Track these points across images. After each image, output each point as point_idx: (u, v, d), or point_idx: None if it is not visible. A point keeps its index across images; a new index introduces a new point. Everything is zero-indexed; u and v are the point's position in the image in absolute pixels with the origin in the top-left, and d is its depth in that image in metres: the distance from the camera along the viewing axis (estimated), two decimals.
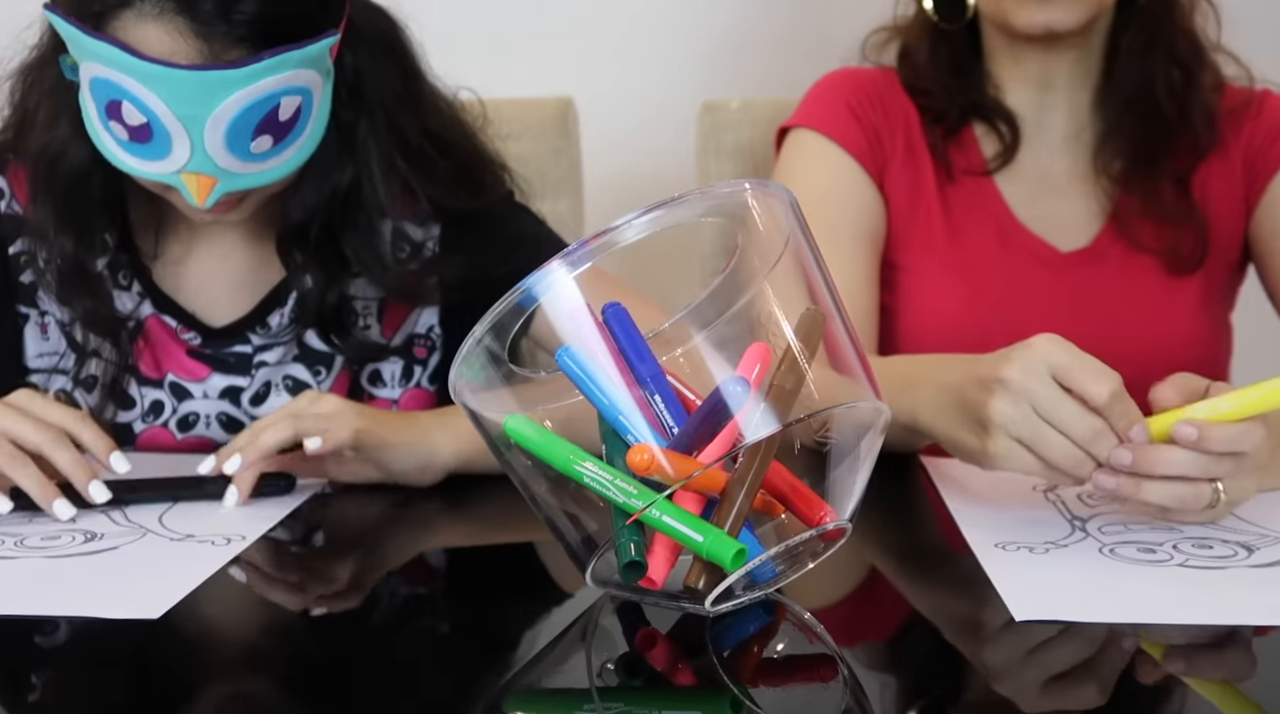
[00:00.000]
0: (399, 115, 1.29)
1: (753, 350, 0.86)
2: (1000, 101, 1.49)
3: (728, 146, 1.71)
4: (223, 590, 0.94)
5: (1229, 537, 1.02)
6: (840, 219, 1.44)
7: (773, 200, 0.88)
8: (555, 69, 2.04)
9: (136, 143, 1.15)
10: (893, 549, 1.06)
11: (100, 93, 1.14)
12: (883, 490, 0.92)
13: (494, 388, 0.87)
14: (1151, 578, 0.94)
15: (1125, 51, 1.45)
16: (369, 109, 1.27)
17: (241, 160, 1.16)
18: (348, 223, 1.28)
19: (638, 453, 0.80)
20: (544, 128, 1.72)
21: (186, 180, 1.15)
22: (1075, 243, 1.47)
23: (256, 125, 1.14)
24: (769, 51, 2.08)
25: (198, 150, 1.14)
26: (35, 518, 1.08)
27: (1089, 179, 1.48)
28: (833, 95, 1.51)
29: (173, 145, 1.14)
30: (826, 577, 0.95)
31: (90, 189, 1.25)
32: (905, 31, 1.54)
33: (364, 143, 1.27)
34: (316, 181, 1.26)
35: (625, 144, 2.04)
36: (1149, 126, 1.44)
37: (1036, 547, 1.00)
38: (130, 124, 1.14)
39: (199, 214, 1.23)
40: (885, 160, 1.49)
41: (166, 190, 1.20)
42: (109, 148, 1.18)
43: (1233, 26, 1.48)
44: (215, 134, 1.13)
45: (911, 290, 1.47)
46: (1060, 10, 1.37)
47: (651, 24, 2.09)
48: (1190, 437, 0.97)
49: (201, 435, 1.34)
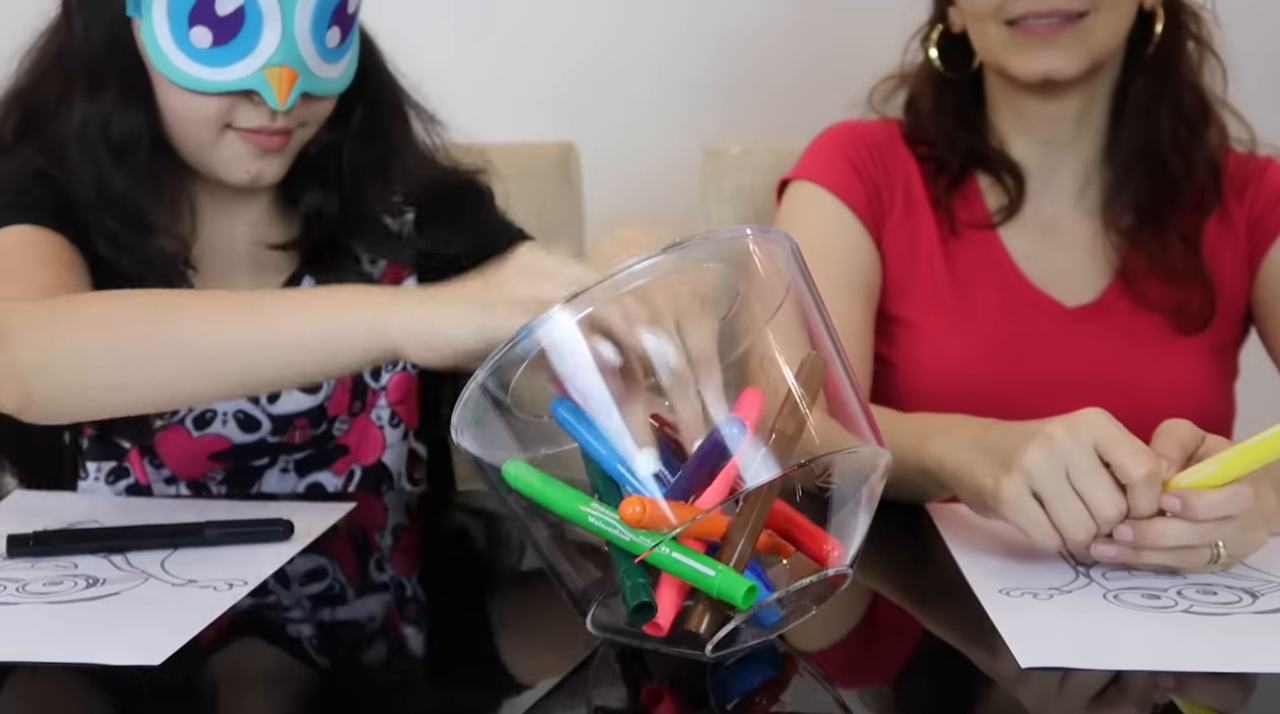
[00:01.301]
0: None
1: (747, 395, 0.86)
2: (1004, 153, 1.49)
3: (729, 191, 1.71)
4: (224, 636, 0.94)
5: (1233, 583, 1.01)
6: (837, 271, 1.45)
7: (774, 247, 0.88)
8: (557, 114, 2.05)
9: (220, 46, 1.19)
10: (897, 595, 1.06)
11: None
12: (887, 537, 0.92)
13: (495, 430, 0.86)
14: (1156, 624, 0.93)
15: (1131, 103, 1.45)
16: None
17: (319, 54, 1.22)
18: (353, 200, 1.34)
19: (630, 505, 0.79)
20: (546, 172, 1.73)
21: (270, 76, 1.19)
22: (1081, 298, 1.46)
23: (334, 10, 1.21)
24: (771, 97, 2.09)
25: (287, 35, 1.19)
26: (37, 563, 1.07)
27: (1096, 234, 1.48)
28: (834, 148, 1.51)
29: (263, 32, 1.19)
30: (831, 622, 0.95)
31: (136, 163, 1.25)
32: (912, 80, 1.55)
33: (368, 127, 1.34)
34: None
35: (627, 189, 2.04)
36: (1156, 181, 1.44)
37: (1041, 593, 0.99)
38: (222, 15, 1.17)
39: (244, 164, 1.25)
40: (884, 215, 1.49)
41: (232, 111, 1.22)
42: (183, 68, 1.20)
43: (1239, 83, 1.48)
44: (304, 13, 1.19)
45: (913, 344, 1.46)
46: (1059, 59, 1.38)
47: (654, 69, 2.10)
48: (1175, 509, 0.98)
49: (218, 433, 1.33)
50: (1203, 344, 1.44)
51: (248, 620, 0.98)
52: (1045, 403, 1.07)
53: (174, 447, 1.33)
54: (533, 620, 1.00)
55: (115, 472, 1.32)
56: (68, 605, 0.98)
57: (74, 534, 1.11)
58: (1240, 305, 1.48)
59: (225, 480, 1.36)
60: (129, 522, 1.14)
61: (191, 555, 1.09)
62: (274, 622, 0.99)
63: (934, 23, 1.52)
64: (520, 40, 2.09)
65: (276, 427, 1.35)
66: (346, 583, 1.09)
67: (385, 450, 1.39)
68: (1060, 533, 1.00)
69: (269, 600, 1.02)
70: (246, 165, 1.26)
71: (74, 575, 1.04)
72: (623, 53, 2.09)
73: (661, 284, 0.84)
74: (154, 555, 1.09)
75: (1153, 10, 1.44)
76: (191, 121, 1.24)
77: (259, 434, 1.34)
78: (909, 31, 1.55)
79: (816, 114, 1.60)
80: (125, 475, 1.32)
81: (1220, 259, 1.46)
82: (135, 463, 1.32)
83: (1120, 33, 1.41)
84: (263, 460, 1.36)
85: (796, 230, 1.45)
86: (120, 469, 1.32)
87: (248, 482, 1.37)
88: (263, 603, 1.01)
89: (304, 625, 1.00)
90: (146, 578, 1.04)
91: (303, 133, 1.29)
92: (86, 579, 1.03)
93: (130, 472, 1.32)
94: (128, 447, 1.32)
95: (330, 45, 1.23)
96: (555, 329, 0.82)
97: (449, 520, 1.20)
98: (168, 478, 1.34)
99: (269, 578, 1.05)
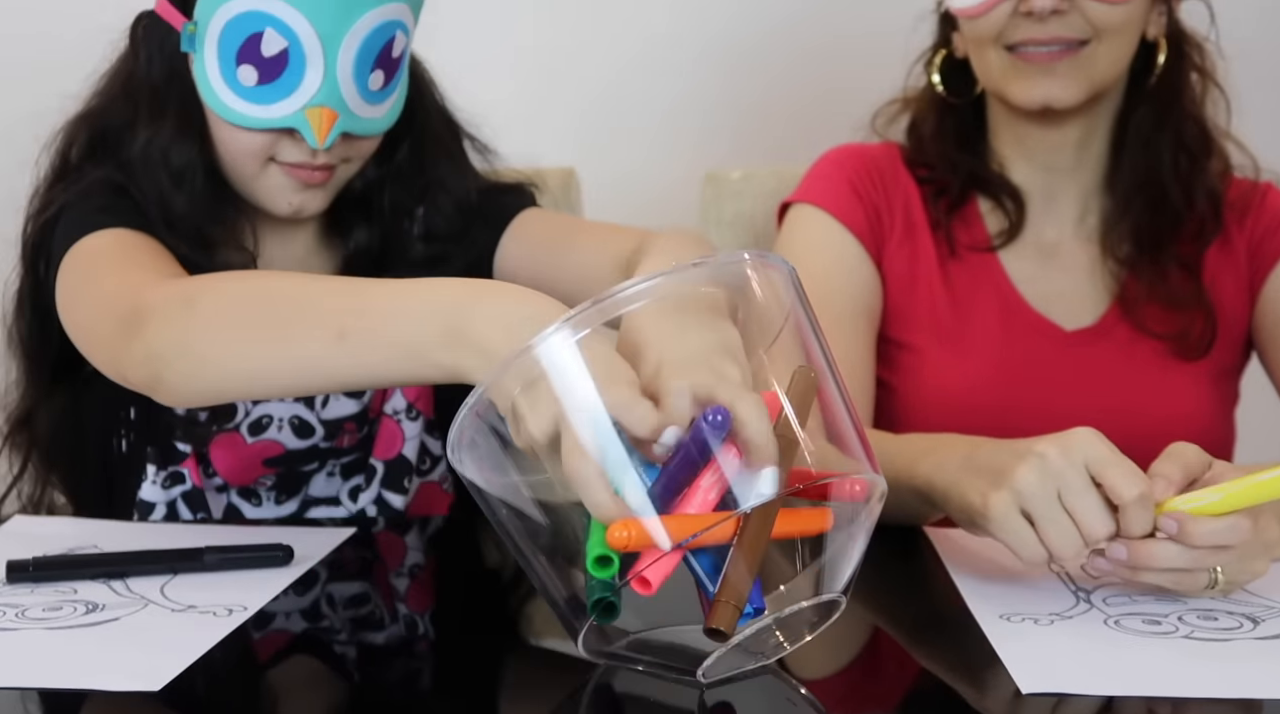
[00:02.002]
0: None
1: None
2: (1005, 177, 1.49)
3: (729, 216, 1.72)
4: (224, 662, 0.94)
5: (1234, 609, 1.01)
6: (839, 295, 1.45)
7: (773, 272, 0.88)
8: (557, 139, 2.05)
9: (264, 84, 1.23)
10: (897, 620, 1.05)
11: (236, 33, 1.22)
12: (886, 562, 0.92)
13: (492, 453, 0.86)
14: (1156, 650, 0.93)
15: (1133, 134, 1.46)
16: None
17: (361, 96, 1.26)
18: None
19: (620, 530, 0.79)
20: (546, 198, 1.72)
21: (310, 116, 1.23)
22: (1081, 321, 1.47)
23: (377, 55, 1.25)
24: (771, 123, 2.10)
25: (329, 77, 1.23)
26: (37, 589, 1.07)
27: (1096, 259, 1.48)
28: (835, 172, 1.52)
29: (305, 73, 1.23)
30: (830, 648, 0.95)
31: (193, 188, 1.29)
32: (914, 104, 1.55)
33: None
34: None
35: (628, 214, 2.03)
36: (1156, 212, 1.45)
37: (1041, 618, 0.99)
38: (267, 56, 1.22)
39: (286, 197, 1.30)
40: (884, 238, 1.49)
41: (275, 146, 1.27)
42: (230, 104, 1.25)
43: (1242, 114, 1.49)
44: (347, 57, 1.23)
45: (913, 367, 1.47)
46: (1058, 87, 1.38)
47: (654, 94, 2.10)
48: (1171, 530, 0.98)
49: (273, 439, 1.35)
50: (1204, 370, 1.44)
51: (248, 646, 0.97)
52: (1045, 427, 1.07)
53: (228, 453, 1.35)
54: (537, 646, 1.00)
55: (171, 476, 1.34)
56: (67, 631, 0.97)
57: (73, 560, 1.11)
58: (1241, 331, 1.48)
59: (275, 486, 1.38)
60: (128, 547, 1.14)
61: (191, 581, 1.09)
62: (274, 648, 0.99)
63: (937, 48, 1.53)
64: (522, 66, 2.09)
65: (328, 432, 1.37)
66: (346, 609, 1.09)
67: (405, 443, 1.40)
68: (1049, 551, 1.00)
69: (269, 626, 1.02)
70: (289, 198, 1.31)
71: (73, 601, 1.04)
72: (624, 77, 2.09)
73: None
74: (154, 581, 1.09)
75: (1155, 40, 1.44)
76: (237, 154, 1.29)
77: (312, 440, 1.36)
78: (910, 57, 1.56)
79: (817, 139, 1.60)
80: (181, 481, 1.34)
81: (1221, 285, 1.46)
82: (191, 468, 1.34)
83: (1121, 62, 1.41)
84: (312, 465, 1.38)
85: (797, 253, 1.47)
86: (176, 474, 1.34)
87: (296, 486, 1.39)
88: (263, 629, 1.01)
89: (304, 652, 0.99)
90: (146, 603, 1.04)
91: (346, 168, 1.33)
92: (86, 605, 1.03)
93: (186, 477, 1.34)
94: (187, 451, 1.33)
95: (373, 88, 1.27)
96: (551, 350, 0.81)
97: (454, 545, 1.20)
98: (219, 486, 1.36)
99: (269, 604, 1.05)
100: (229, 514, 1.36)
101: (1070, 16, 1.36)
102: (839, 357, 0.90)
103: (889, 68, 1.57)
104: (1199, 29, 1.48)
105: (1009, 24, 1.38)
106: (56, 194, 1.31)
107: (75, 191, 1.29)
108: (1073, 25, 1.37)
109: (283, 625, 1.03)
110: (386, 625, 1.05)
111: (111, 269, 1.19)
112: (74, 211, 1.27)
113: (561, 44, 2.10)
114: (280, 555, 1.12)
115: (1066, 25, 1.37)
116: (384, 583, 1.15)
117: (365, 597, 1.12)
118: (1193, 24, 1.48)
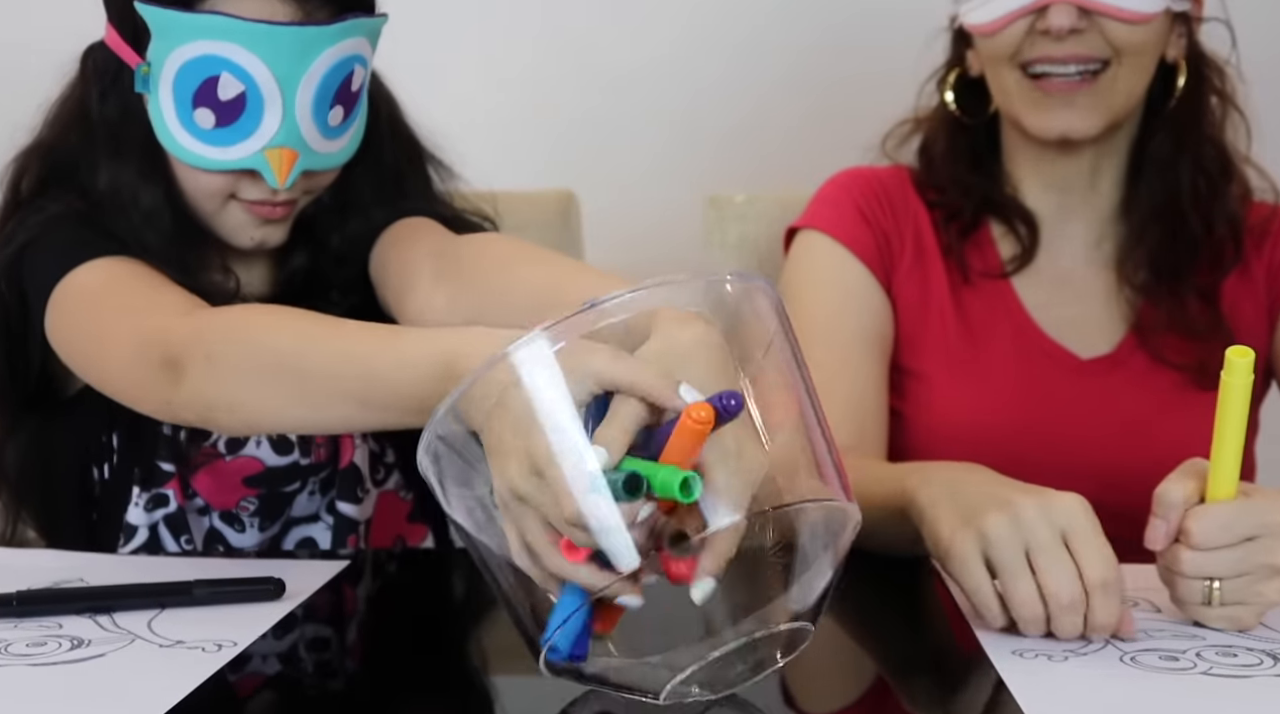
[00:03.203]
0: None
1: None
2: (1018, 201, 1.47)
3: (733, 240, 1.70)
4: (213, 699, 0.92)
5: (1254, 645, 0.99)
6: (849, 323, 1.42)
7: (757, 295, 0.86)
8: (558, 162, 2.04)
9: (222, 127, 1.23)
10: (907, 654, 1.03)
11: (191, 77, 1.21)
12: (896, 595, 0.90)
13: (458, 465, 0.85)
14: (1174, 687, 0.91)
15: (1151, 160, 1.43)
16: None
17: (320, 133, 1.25)
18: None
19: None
20: (546, 221, 1.72)
21: (270, 157, 1.23)
22: (1096, 350, 1.44)
23: (335, 91, 1.24)
24: (775, 146, 2.08)
25: (287, 118, 1.22)
26: (20, 624, 1.05)
27: (1111, 286, 1.45)
28: (842, 196, 1.49)
29: (263, 116, 1.22)
30: (838, 683, 0.93)
31: (163, 226, 1.29)
32: (926, 124, 1.52)
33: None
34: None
35: (629, 238, 2.03)
36: (1174, 238, 1.42)
37: (1055, 654, 0.97)
38: (224, 99, 1.21)
39: (248, 232, 1.30)
40: (894, 264, 1.47)
41: (235, 185, 1.26)
42: (187, 146, 1.24)
43: (1262, 139, 1.46)
44: (305, 97, 1.22)
45: (924, 396, 1.44)
46: (1077, 118, 1.36)
47: (656, 116, 2.09)
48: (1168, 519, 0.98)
49: (251, 455, 1.33)
50: None
51: (237, 683, 0.95)
52: (1059, 457, 1.05)
53: (207, 473, 1.33)
54: (528, 678, 0.98)
55: (155, 499, 1.32)
56: (52, 668, 0.96)
57: (58, 594, 1.09)
58: (1262, 358, 1.45)
59: (257, 512, 1.35)
60: (115, 580, 1.12)
61: (180, 615, 1.07)
62: (264, 684, 0.97)
63: (950, 66, 1.50)
64: (521, 88, 2.08)
65: (303, 448, 1.35)
66: (339, 643, 1.07)
67: (355, 451, 1.37)
68: (1010, 606, 0.98)
69: (259, 662, 0.99)
70: (250, 233, 1.31)
71: (58, 636, 1.02)
72: (624, 99, 2.08)
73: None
74: (141, 615, 1.07)
75: (1175, 63, 1.42)
76: (197, 193, 1.29)
77: (292, 456, 1.34)
78: (918, 77, 1.53)
79: (822, 161, 1.58)
80: (164, 503, 1.32)
81: (1240, 311, 1.43)
82: (175, 489, 1.32)
83: (1140, 89, 1.39)
84: (294, 485, 1.36)
85: (804, 281, 1.45)
86: (160, 496, 1.32)
87: (278, 510, 1.36)
88: (253, 664, 0.99)
89: (295, 689, 0.98)
90: (133, 639, 1.02)
91: (305, 199, 1.33)
92: (71, 640, 1.01)
93: (169, 499, 1.32)
94: (171, 472, 1.31)
95: (333, 124, 1.26)
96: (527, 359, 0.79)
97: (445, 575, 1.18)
98: (201, 508, 1.34)
99: (260, 638, 1.02)
100: (211, 538, 1.34)
101: (1089, 36, 1.34)
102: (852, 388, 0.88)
103: (895, 90, 1.55)
104: (1218, 51, 1.45)
105: (1026, 42, 1.36)
106: (15, 228, 1.29)
107: (37, 223, 1.27)
108: (1092, 45, 1.35)
109: (273, 661, 1.00)
110: (381, 661, 1.03)
111: (120, 307, 1.18)
112: (48, 245, 1.26)
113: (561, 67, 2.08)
114: (271, 589, 1.10)
115: (1085, 45, 1.34)
116: (377, 617, 1.13)
117: (358, 632, 1.10)
118: (1212, 46, 1.45)
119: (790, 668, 0.86)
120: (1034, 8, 1.35)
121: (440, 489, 0.86)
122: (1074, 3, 1.33)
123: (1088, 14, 1.34)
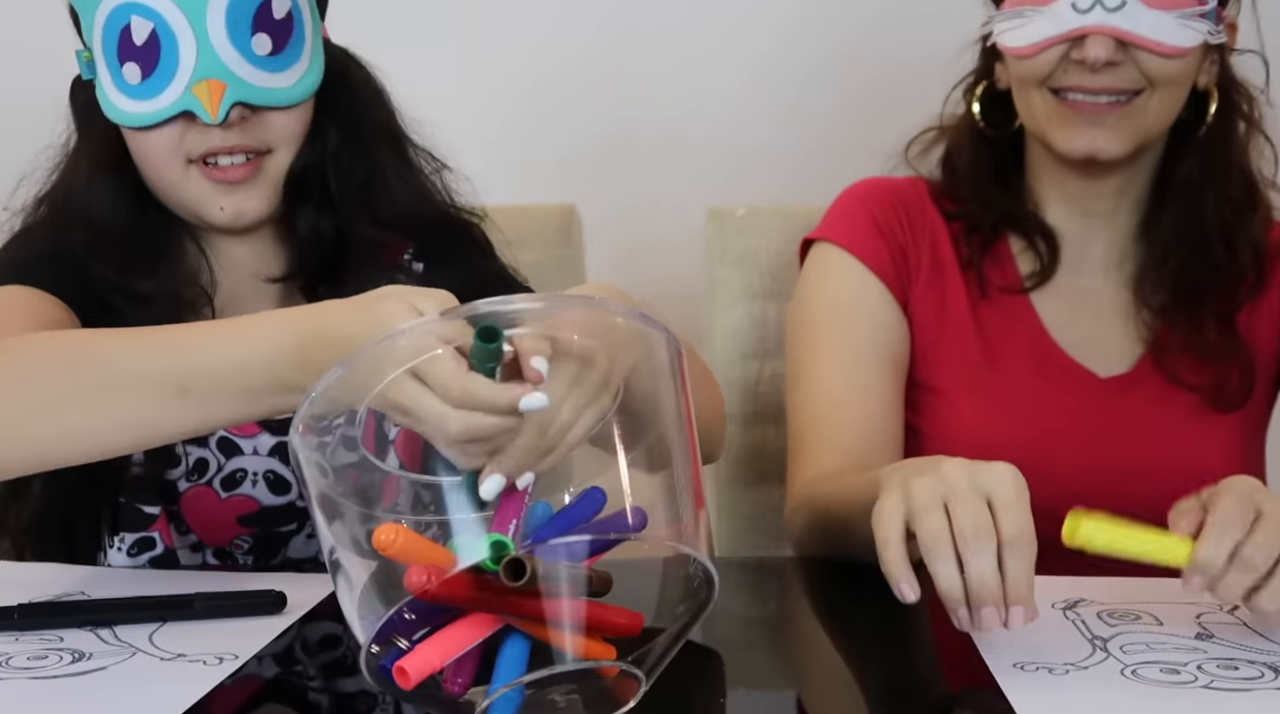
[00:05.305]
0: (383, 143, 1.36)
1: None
2: (1039, 217, 1.45)
3: (734, 254, 1.69)
4: (214, 712, 0.91)
5: (1256, 658, 0.99)
6: (864, 339, 1.41)
7: (655, 342, 0.88)
8: (559, 175, 2.04)
9: (149, 78, 1.22)
10: (908, 669, 1.03)
11: (110, 34, 1.22)
12: (897, 610, 0.90)
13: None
14: (1175, 700, 0.91)
15: (1177, 185, 1.41)
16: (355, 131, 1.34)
17: (248, 62, 1.22)
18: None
19: (385, 533, 0.80)
20: (547, 235, 1.71)
21: (198, 92, 1.21)
22: (1114, 368, 1.42)
23: (253, 17, 1.22)
24: (776, 159, 2.08)
25: (203, 47, 1.21)
26: (21, 637, 1.05)
27: (1128, 306, 1.44)
28: (858, 208, 1.48)
29: (179, 51, 1.21)
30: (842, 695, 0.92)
31: (134, 219, 1.29)
32: (950, 133, 1.50)
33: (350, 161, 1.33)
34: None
35: (630, 251, 2.03)
36: (1197, 263, 1.40)
37: (1056, 667, 0.97)
38: (140, 44, 1.21)
39: (215, 202, 1.26)
40: (910, 278, 1.45)
41: (183, 138, 1.24)
42: (124, 108, 1.23)
43: None
44: (217, 22, 1.21)
45: (941, 412, 1.42)
46: (1104, 139, 1.34)
47: (656, 130, 2.09)
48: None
49: (247, 494, 1.31)
50: (1237, 421, 1.40)
51: (239, 696, 0.95)
52: (1077, 474, 1.04)
53: (201, 509, 1.31)
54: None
55: (140, 543, 1.30)
56: (53, 681, 0.95)
57: (59, 606, 1.09)
58: (1274, 377, 1.44)
59: (251, 550, 1.33)
60: (116, 594, 1.11)
61: (181, 629, 1.07)
62: (266, 697, 0.97)
63: (978, 76, 1.48)
64: (523, 102, 2.08)
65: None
66: (341, 657, 1.07)
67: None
68: (922, 546, 0.96)
69: (261, 675, 0.99)
70: (219, 202, 1.27)
71: (59, 650, 1.02)
72: (624, 112, 2.08)
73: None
74: (142, 629, 1.06)
75: (1206, 90, 1.41)
76: (153, 162, 1.27)
77: (289, 496, 1.32)
78: (915, 94, 1.52)
79: (826, 175, 1.58)
80: (151, 546, 1.30)
81: (1256, 331, 1.42)
82: (163, 529, 1.30)
83: (1171, 114, 1.37)
84: (290, 526, 1.34)
85: (820, 296, 1.44)
86: (146, 540, 1.30)
87: (274, 549, 1.34)
88: (254, 678, 0.98)
89: (297, 702, 0.98)
90: (134, 652, 1.02)
91: (273, 161, 1.28)
92: (72, 654, 1.01)
93: (157, 541, 1.30)
94: (156, 514, 1.30)
95: (260, 53, 1.23)
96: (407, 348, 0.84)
97: None
98: (194, 545, 1.32)
99: (261, 652, 1.02)
100: None
101: (1124, 68, 1.32)
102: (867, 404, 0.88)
103: (891, 104, 1.55)
104: (1249, 78, 1.43)
105: (1059, 69, 1.34)
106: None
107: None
108: (1126, 78, 1.33)
109: (275, 675, 1.00)
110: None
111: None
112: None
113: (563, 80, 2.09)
114: (272, 602, 1.10)
115: (1120, 78, 1.33)
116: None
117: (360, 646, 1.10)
118: (1242, 73, 1.44)
119: (793, 681, 0.86)
120: (1071, 36, 1.32)
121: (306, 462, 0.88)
122: (1112, 34, 1.30)
123: (1124, 46, 1.31)
